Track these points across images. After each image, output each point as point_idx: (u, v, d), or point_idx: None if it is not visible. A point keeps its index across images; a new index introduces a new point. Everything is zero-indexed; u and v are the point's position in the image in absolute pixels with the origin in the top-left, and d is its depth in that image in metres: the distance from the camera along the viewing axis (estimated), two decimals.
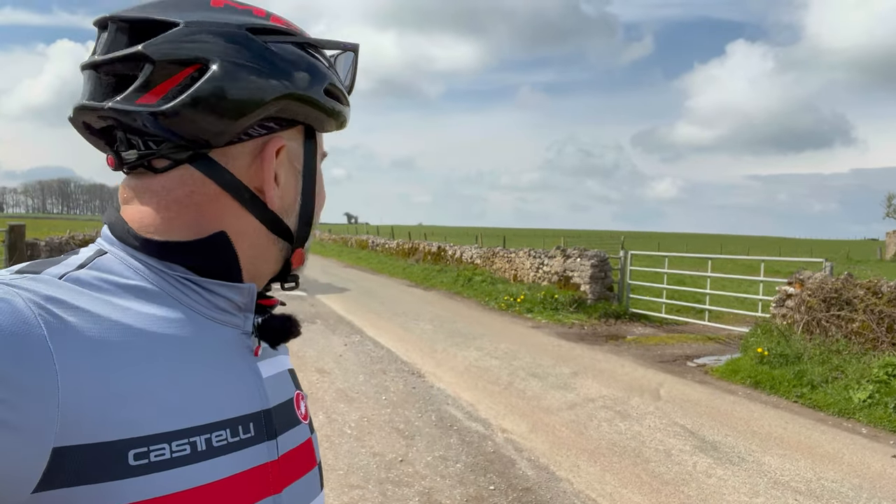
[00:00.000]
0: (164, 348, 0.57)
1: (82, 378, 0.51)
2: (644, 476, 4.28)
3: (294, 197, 0.69)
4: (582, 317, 11.40)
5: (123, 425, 0.52)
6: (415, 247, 23.29)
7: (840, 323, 7.08)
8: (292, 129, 0.68)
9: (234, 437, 0.60)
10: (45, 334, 0.50)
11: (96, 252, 0.64)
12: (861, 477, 4.34)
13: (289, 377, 0.75)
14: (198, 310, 0.63)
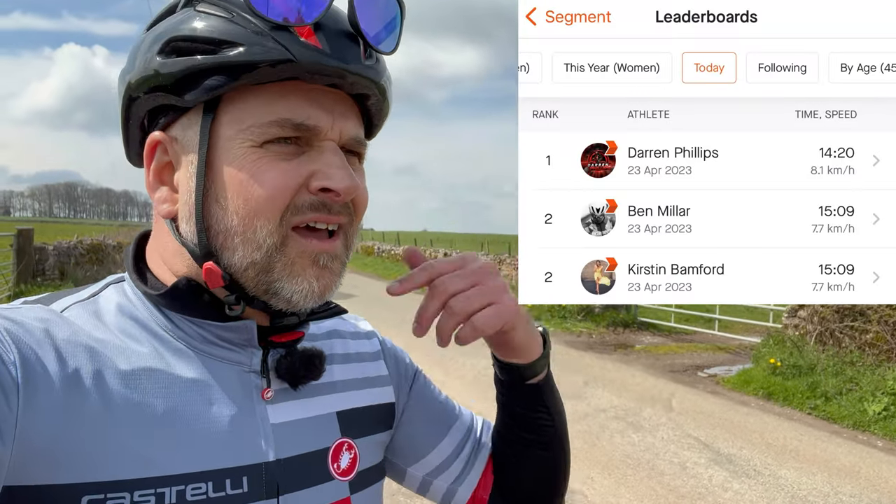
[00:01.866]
0: (145, 386, 0.53)
1: (44, 414, 0.47)
2: (659, 489, 4.23)
3: (187, 197, 0.56)
4: (590, 325, 11.35)
5: (81, 468, 0.48)
6: None
7: (854, 334, 7.01)
8: (185, 116, 0.56)
9: (217, 491, 0.52)
10: (17, 365, 0.47)
11: (115, 280, 0.62)
12: (879, 492, 4.28)
13: (329, 422, 0.64)
14: (194, 346, 0.57)
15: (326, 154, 0.55)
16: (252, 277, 0.55)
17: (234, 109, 0.54)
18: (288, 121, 0.54)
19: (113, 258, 15.75)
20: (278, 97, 0.54)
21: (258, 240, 0.54)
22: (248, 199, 0.54)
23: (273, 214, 0.54)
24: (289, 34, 0.52)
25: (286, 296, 0.55)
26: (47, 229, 33.34)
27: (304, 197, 0.55)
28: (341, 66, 0.53)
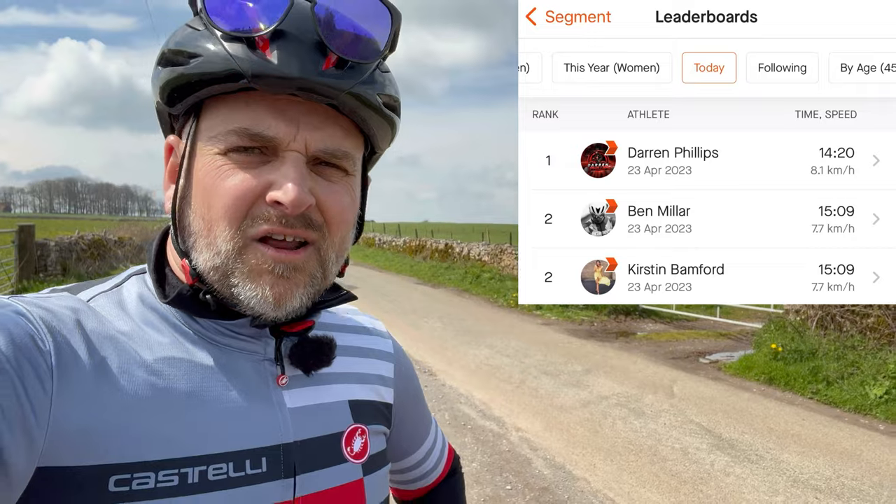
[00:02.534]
0: (167, 373, 0.56)
1: (75, 400, 0.51)
2: (662, 475, 4.26)
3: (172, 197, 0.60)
4: (591, 313, 11.37)
5: (108, 450, 0.51)
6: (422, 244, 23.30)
7: (855, 318, 7.02)
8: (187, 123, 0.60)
9: (237, 471, 0.55)
10: (51, 353, 0.51)
11: (137, 271, 0.65)
12: (881, 475, 4.30)
13: (342, 409, 0.67)
14: (209, 337, 0.60)
15: (285, 165, 0.55)
16: (216, 280, 0.57)
17: (209, 117, 0.57)
18: (245, 130, 0.54)
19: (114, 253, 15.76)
20: (243, 106, 0.55)
21: (217, 245, 0.56)
22: (210, 205, 0.56)
23: (230, 222, 0.55)
24: (242, 45, 0.53)
25: (245, 301, 0.57)
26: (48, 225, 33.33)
27: (260, 207, 0.55)
28: (288, 76, 0.53)
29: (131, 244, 18.11)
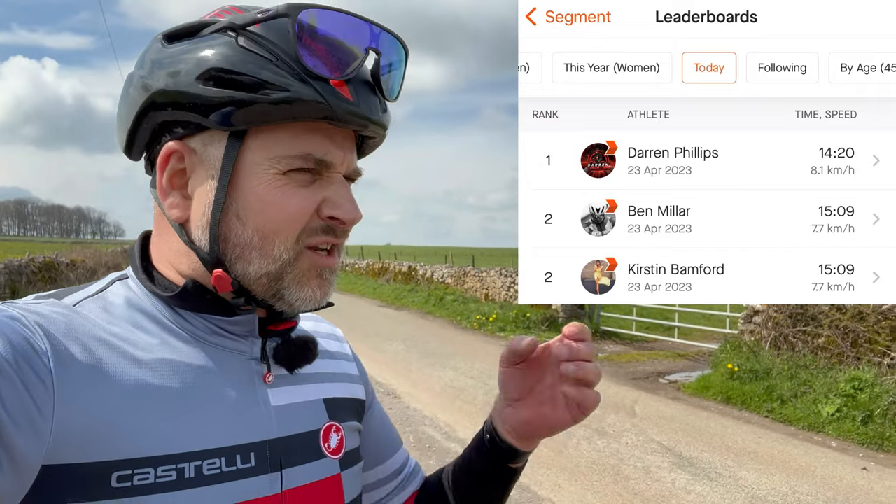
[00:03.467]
0: (160, 373, 0.58)
1: (76, 400, 0.53)
2: (625, 494, 4.28)
3: (203, 209, 0.61)
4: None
5: (109, 447, 0.53)
6: (385, 266, 23.20)
7: (806, 338, 7.25)
8: (207, 133, 0.61)
9: (229, 466, 0.58)
10: (49, 356, 0.52)
11: (119, 277, 0.67)
12: (834, 490, 4.41)
13: (318, 407, 0.70)
14: (200, 336, 0.63)
15: (336, 185, 0.63)
16: (263, 285, 0.62)
17: (263, 138, 0.60)
18: (311, 156, 0.60)
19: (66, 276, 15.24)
20: (303, 133, 0.60)
21: (275, 255, 0.61)
22: (270, 219, 0.60)
23: (291, 234, 0.61)
24: (326, 84, 0.59)
25: (290, 301, 0.62)
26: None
27: (315, 221, 0.62)
28: (367, 116, 0.61)
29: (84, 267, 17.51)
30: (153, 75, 0.61)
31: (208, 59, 0.59)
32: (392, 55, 0.64)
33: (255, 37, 0.59)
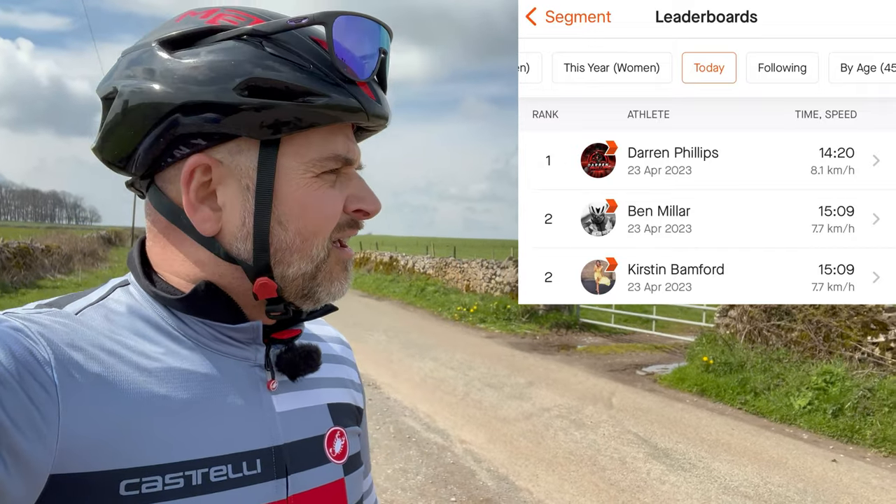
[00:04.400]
0: (165, 381, 0.58)
1: (81, 409, 0.52)
2: (601, 484, 4.34)
3: (242, 219, 0.61)
4: (534, 327, 11.52)
5: (117, 456, 0.53)
6: (366, 256, 23.12)
7: (780, 332, 7.39)
8: (233, 142, 0.60)
9: (235, 472, 0.58)
10: (52, 366, 0.52)
11: (120, 283, 0.66)
12: (805, 481, 4.52)
13: (322, 412, 0.70)
14: (204, 343, 0.63)
15: (356, 180, 0.65)
16: (298, 285, 0.63)
17: (298, 144, 0.61)
18: (340, 156, 0.62)
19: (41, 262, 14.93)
20: (330, 135, 0.62)
21: (313, 254, 0.62)
22: (310, 220, 0.62)
23: (326, 233, 0.63)
24: (355, 87, 0.61)
25: (319, 297, 0.65)
26: None
27: (343, 217, 0.64)
28: (386, 114, 0.65)
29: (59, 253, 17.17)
30: (169, 86, 0.59)
31: (244, 67, 0.58)
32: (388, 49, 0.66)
33: (284, 44, 0.60)
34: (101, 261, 22.69)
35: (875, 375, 6.10)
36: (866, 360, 6.43)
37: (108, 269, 20.11)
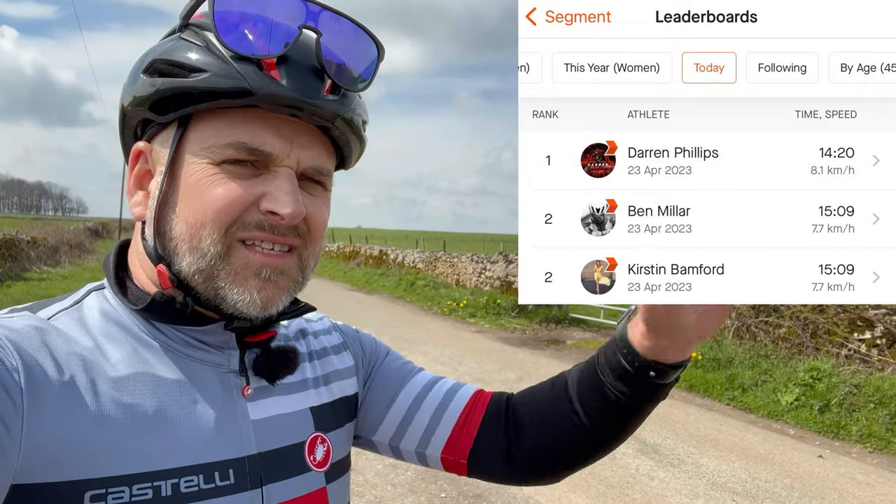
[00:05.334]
0: (134, 389, 0.57)
1: (47, 418, 0.51)
2: (590, 480, 4.36)
3: (152, 204, 0.61)
4: (524, 321, 11.56)
5: (82, 466, 0.51)
6: (356, 250, 23.08)
7: (768, 329, 7.46)
8: (165, 130, 0.61)
9: (207, 483, 0.57)
10: (20, 372, 0.51)
11: (96, 287, 0.65)
12: (792, 477, 4.57)
13: (303, 417, 0.68)
14: (176, 349, 0.61)
15: (279, 179, 0.58)
16: (200, 283, 0.59)
17: (201, 128, 0.58)
18: (244, 144, 0.57)
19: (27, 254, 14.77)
20: (239, 121, 0.57)
21: (203, 248, 0.57)
22: (196, 209, 0.57)
23: (218, 226, 0.57)
24: (252, 66, 0.56)
25: (231, 302, 0.59)
26: None
27: (252, 215, 0.58)
28: (296, 97, 0.57)
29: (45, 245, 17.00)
30: (127, 80, 0.63)
31: (153, 53, 0.60)
32: (340, 35, 0.61)
33: (195, 27, 0.59)
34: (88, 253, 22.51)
35: (861, 372, 6.17)
36: (853, 356, 6.51)
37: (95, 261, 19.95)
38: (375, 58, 0.64)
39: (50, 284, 12.53)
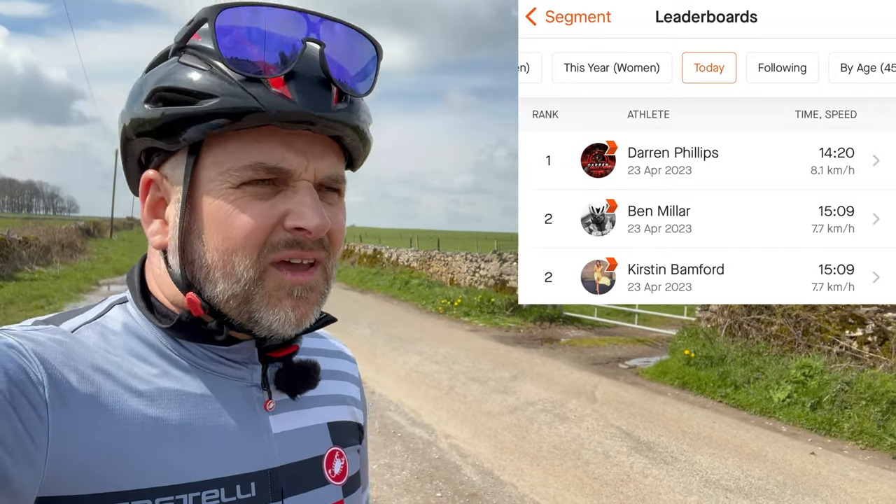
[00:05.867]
0: (158, 403, 0.57)
1: (72, 432, 0.52)
2: (585, 478, 4.37)
3: (173, 232, 0.61)
4: (518, 320, 11.57)
5: (106, 479, 0.52)
6: (350, 249, 23.04)
7: (760, 326, 7.50)
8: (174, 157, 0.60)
9: (228, 496, 0.57)
10: (45, 385, 0.51)
11: (118, 300, 0.65)
12: (784, 474, 4.60)
13: (322, 432, 0.69)
14: (199, 364, 0.62)
15: (300, 194, 0.58)
16: (234, 308, 0.59)
17: (215, 153, 0.58)
18: (262, 164, 0.57)
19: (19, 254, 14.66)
20: (254, 142, 0.57)
21: (237, 274, 0.58)
22: (226, 236, 0.57)
23: (250, 251, 0.58)
24: (260, 85, 0.56)
25: (266, 324, 0.59)
26: None
27: (279, 234, 0.58)
28: (309, 112, 0.57)
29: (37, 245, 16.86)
30: (127, 106, 0.62)
31: (154, 80, 0.59)
32: (340, 42, 0.60)
33: (194, 50, 0.59)
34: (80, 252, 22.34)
35: (853, 369, 6.21)
36: (844, 353, 6.55)
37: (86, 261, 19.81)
38: (375, 59, 0.63)
39: (42, 284, 12.43)
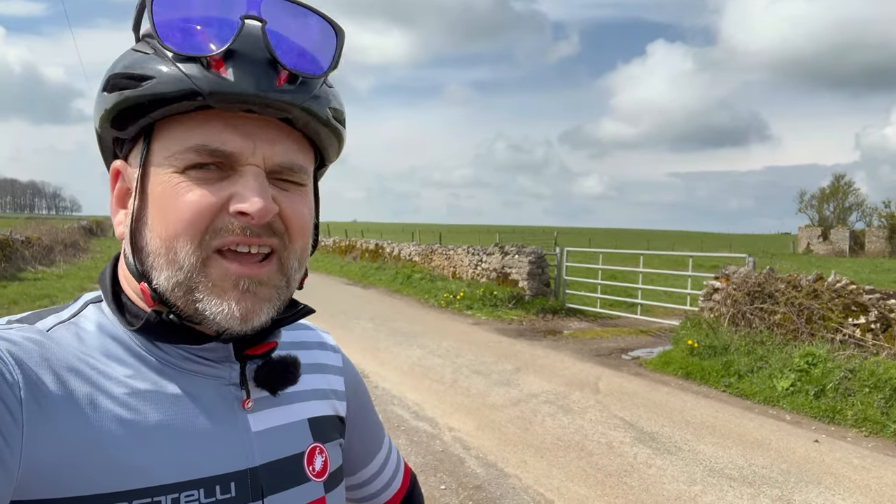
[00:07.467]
0: (134, 404, 0.56)
1: (47, 433, 0.51)
2: (589, 469, 4.38)
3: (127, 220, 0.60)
4: (520, 313, 11.57)
5: (82, 482, 0.51)
6: (352, 244, 23.04)
7: (763, 315, 7.49)
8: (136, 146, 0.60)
9: (208, 497, 0.56)
10: (20, 386, 0.50)
11: (93, 299, 0.64)
12: (788, 462, 4.60)
13: (302, 428, 0.68)
14: (174, 364, 0.61)
15: (245, 178, 0.56)
16: (180, 297, 0.57)
17: (163, 138, 0.57)
18: (204, 147, 0.55)
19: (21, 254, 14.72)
20: (198, 124, 0.56)
21: (179, 261, 0.56)
22: (168, 222, 0.56)
23: (192, 236, 0.55)
24: (197, 65, 0.54)
25: (211, 317, 0.57)
26: None
27: (224, 220, 0.56)
28: (245, 91, 0.54)
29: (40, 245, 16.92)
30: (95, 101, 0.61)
31: (110, 69, 0.58)
32: (289, 21, 0.57)
33: (147, 37, 0.58)
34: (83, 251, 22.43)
35: (856, 357, 6.20)
36: (847, 341, 6.54)
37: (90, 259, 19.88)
38: (334, 41, 0.60)
39: (45, 284, 12.47)
